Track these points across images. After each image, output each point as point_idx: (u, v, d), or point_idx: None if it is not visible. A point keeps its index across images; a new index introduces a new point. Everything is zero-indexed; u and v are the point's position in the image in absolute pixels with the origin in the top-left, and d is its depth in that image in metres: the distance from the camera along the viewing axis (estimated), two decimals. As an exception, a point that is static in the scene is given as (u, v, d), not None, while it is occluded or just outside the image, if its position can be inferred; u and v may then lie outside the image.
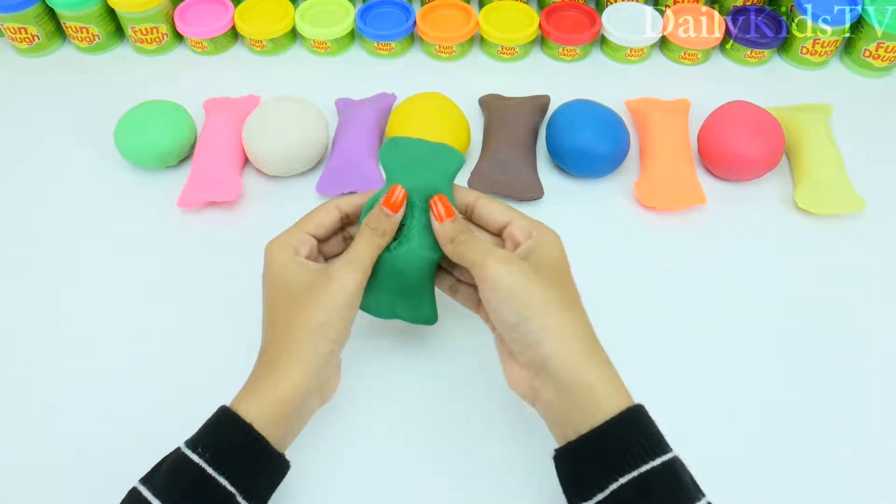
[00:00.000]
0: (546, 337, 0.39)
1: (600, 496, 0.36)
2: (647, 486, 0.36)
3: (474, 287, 0.48)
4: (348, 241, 0.48)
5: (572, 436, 0.38)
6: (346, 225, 0.47)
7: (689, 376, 0.52)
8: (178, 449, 0.38)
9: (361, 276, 0.42)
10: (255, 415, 0.38)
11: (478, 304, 0.47)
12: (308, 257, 0.44)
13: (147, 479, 0.38)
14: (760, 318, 0.55)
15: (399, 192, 0.44)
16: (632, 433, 0.37)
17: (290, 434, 0.41)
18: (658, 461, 0.36)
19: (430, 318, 0.47)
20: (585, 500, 0.37)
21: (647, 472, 0.36)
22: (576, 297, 0.42)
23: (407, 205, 0.45)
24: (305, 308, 0.40)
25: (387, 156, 0.46)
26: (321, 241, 0.46)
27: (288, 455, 0.40)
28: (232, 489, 0.36)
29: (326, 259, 0.47)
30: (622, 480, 0.36)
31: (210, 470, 0.36)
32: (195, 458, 0.37)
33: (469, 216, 0.46)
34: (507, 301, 0.40)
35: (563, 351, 0.39)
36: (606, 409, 0.37)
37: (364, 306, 0.46)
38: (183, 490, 0.36)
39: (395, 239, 0.45)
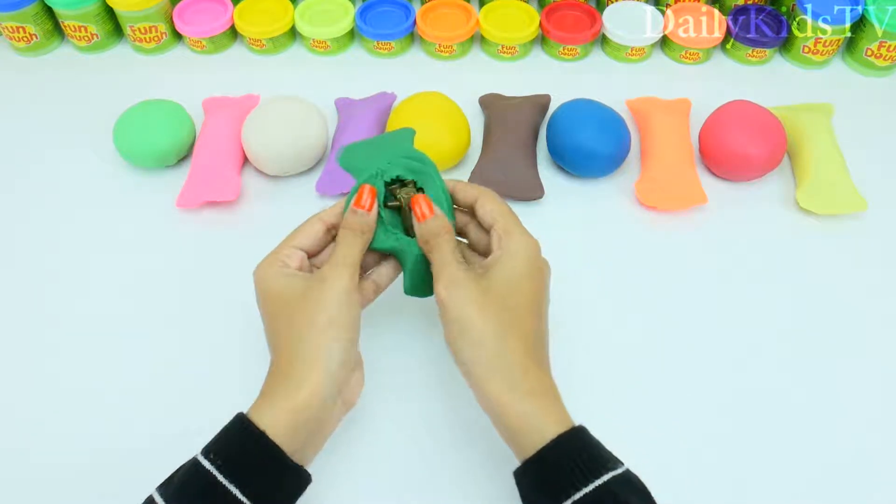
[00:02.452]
0: (472, 372, 0.40)
1: None
2: None
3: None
4: None
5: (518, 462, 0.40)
6: (336, 235, 0.47)
7: (689, 375, 0.52)
8: (195, 456, 0.37)
9: (351, 271, 0.42)
10: (270, 423, 0.37)
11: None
12: (299, 268, 0.43)
13: (162, 487, 0.37)
14: (761, 317, 0.55)
15: (367, 191, 0.44)
16: (547, 473, 0.37)
17: (310, 445, 0.39)
18: (589, 487, 0.36)
19: None
20: None
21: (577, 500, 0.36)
22: (523, 320, 0.41)
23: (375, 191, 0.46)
24: (306, 311, 0.40)
25: (346, 162, 0.47)
26: (311, 255, 0.45)
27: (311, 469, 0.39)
28: (243, 498, 0.36)
29: None
30: None
31: (221, 477, 0.36)
32: (207, 464, 0.36)
33: (472, 213, 0.47)
34: (447, 324, 0.41)
35: (487, 389, 0.39)
36: (529, 445, 0.38)
37: (405, 289, 0.47)
38: (193, 497, 0.36)
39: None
